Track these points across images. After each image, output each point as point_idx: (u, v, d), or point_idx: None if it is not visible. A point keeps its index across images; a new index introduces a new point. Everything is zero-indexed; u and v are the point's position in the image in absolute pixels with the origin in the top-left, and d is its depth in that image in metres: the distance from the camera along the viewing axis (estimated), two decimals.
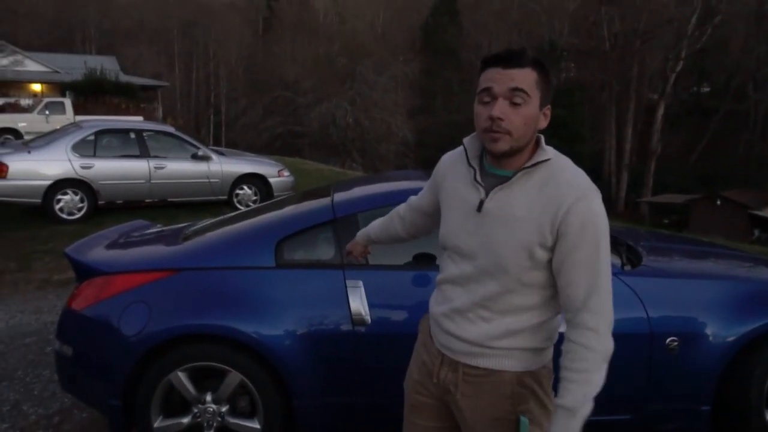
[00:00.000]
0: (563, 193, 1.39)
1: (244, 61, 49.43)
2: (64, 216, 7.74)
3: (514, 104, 1.39)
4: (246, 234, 2.77)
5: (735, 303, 2.68)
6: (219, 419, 2.57)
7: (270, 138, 38.21)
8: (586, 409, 1.39)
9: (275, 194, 8.83)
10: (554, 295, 1.48)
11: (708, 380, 2.62)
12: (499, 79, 1.39)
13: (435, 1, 44.76)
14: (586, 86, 38.01)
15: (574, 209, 1.37)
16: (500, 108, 1.38)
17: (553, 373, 1.60)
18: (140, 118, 17.68)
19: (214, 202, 8.67)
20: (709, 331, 2.61)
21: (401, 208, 1.92)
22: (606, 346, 1.41)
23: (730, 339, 2.61)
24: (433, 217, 1.76)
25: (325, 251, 2.64)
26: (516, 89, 1.38)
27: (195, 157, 8.61)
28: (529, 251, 1.40)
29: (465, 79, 41.39)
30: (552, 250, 1.41)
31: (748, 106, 37.11)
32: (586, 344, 1.39)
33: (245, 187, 8.94)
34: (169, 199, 8.51)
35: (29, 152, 7.76)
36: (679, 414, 2.67)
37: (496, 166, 1.48)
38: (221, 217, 3.34)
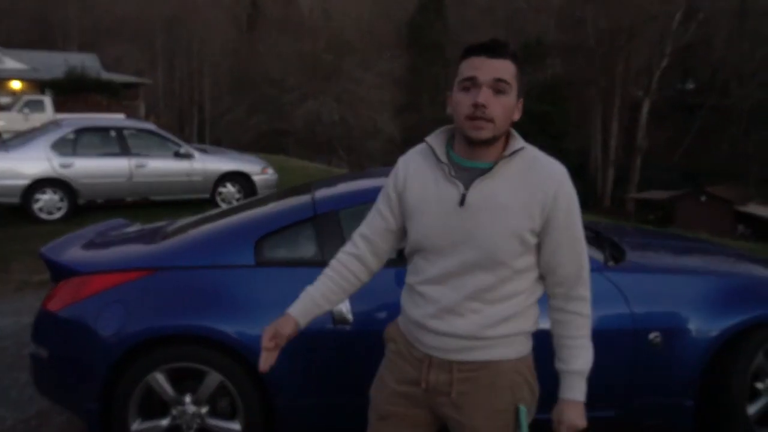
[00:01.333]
0: (547, 179, 1.46)
1: (228, 58, 49.02)
2: (44, 216, 7.63)
3: (498, 93, 1.43)
4: (225, 232, 2.73)
5: (718, 298, 2.68)
6: (199, 421, 2.53)
7: (255, 136, 38.00)
8: (589, 370, 1.55)
9: (259, 192, 8.76)
10: (538, 277, 1.54)
11: (691, 375, 2.62)
12: (483, 68, 1.42)
13: None
14: (572, 82, 38.17)
15: (561, 193, 1.46)
16: (484, 95, 1.41)
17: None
18: (122, 116, 17.49)
19: (196, 200, 8.58)
20: (692, 325, 2.61)
21: (345, 255, 1.68)
22: (588, 321, 1.57)
23: (713, 333, 2.61)
24: (398, 233, 1.64)
25: (306, 249, 2.60)
26: (500, 79, 1.42)
27: (177, 155, 8.52)
28: (519, 237, 1.45)
29: (451, 75, 41.35)
30: (538, 234, 1.48)
31: (732, 102, 37.47)
32: (582, 312, 1.54)
33: (228, 185, 8.87)
34: (151, 198, 8.42)
35: (7, 151, 7.65)
36: (662, 409, 2.67)
37: (470, 159, 1.49)
38: (200, 216, 3.29)
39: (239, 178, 8.91)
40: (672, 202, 27.94)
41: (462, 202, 1.46)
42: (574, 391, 1.53)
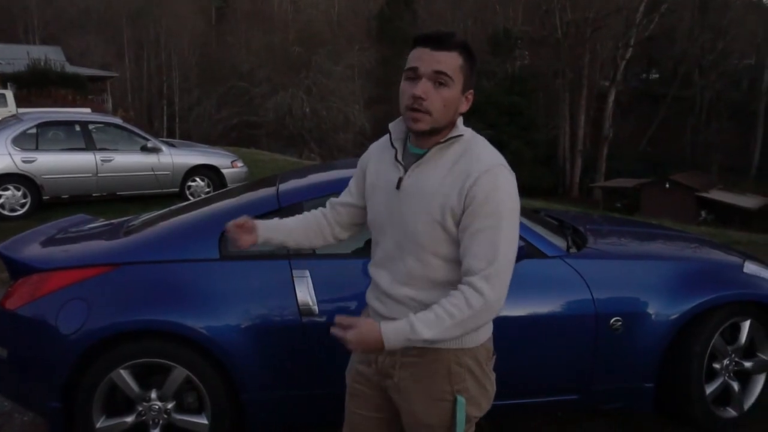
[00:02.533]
0: (472, 167, 1.43)
1: (197, 50, 48.24)
2: (6, 212, 7.42)
3: (439, 85, 1.42)
4: (189, 226, 2.70)
5: (677, 282, 2.75)
6: (165, 416, 2.51)
7: (225, 129, 37.54)
8: (415, 339, 1.38)
9: (229, 185, 8.67)
10: None
11: (651, 358, 2.68)
12: (425, 59, 1.42)
13: None
14: (540, 74, 38.55)
15: (480, 181, 1.40)
16: (423, 88, 1.41)
17: (494, 353, 1.61)
18: (88, 110, 17.08)
19: (165, 195, 8.45)
20: (651, 310, 2.67)
21: (317, 211, 1.79)
22: (480, 316, 1.39)
23: (672, 317, 2.68)
24: (359, 211, 1.71)
25: None
26: (440, 72, 1.41)
27: (144, 149, 8.38)
28: (440, 224, 1.44)
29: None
30: (458, 222, 1.45)
31: (694, 92, 38.31)
32: (468, 298, 1.38)
33: (198, 179, 8.76)
34: (118, 193, 8.27)
35: None
36: (624, 392, 2.73)
37: (415, 145, 1.52)
38: (164, 210, 3.24)
39: (209, 172, 8.81)
40: (638, 190, 28.49)
41: (398, 185, 1.50)
42: (393, 330, 1.39)
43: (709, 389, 2.80)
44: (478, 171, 1.41)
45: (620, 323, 2.62)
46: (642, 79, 44.38)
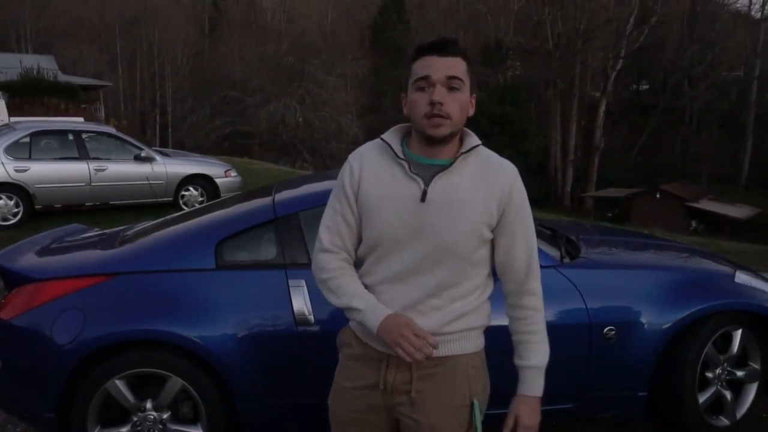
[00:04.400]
0: (503, 175, 1.52)
1: (190, 60, 48.29)
2: None
3: (452, 90, 1.45)
4: (185, 236, 2.71)
5: (669, 291, 2.78)
6: (160, 427, 2.50)
7: (218, 138, 37.51)
8: (546, 365, 1.58)
9: (222, 195, 8.67)
10: (490, 273, 1.60)
11: (645, 367, 2.70)
12: (436, 66, 1.45)
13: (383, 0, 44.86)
14: (531, 84, 38.80)
15: (515, 189, 1.52)
16: (440, 93, 1.43)
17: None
18: (81, 119, 17.03)
19: (159, 204, 8.44)
20: (644, 319, 2.69)
21: (336, 261, 1.58)
22: (542, 313, 1.60)
23: (665, 326, 2.70)
24: (358, 231, 1.59)
25: (267, 251, 2.60)
26: (453, 77, 1.45)
27: (138, 159, 8.38)
28: (478, 232, 1.49)
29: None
30: (493, 229, 1.52)
31: (684, 102, 38.68)
32: (536, 307, 1.58)
33: (191, 189, 8.75)
34: (111, 202, 8.25)
35: None
36: (617, 400, 2.75)
37: (429, 156, 1.51)
38: (160, 219, 3.25)
39: (202, 181, 8.80)
40: (629, 199, 28.66)
41: (423, 197, 1.47)
42: (533, 386, 1.57)
43: (702, 398, 2.83)
44: (511, 177, 1.52)
45: (613, 332, 2.64)
46: (632, 90, 44.76)
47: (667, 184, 28.39)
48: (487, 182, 1.49)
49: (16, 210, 7.52)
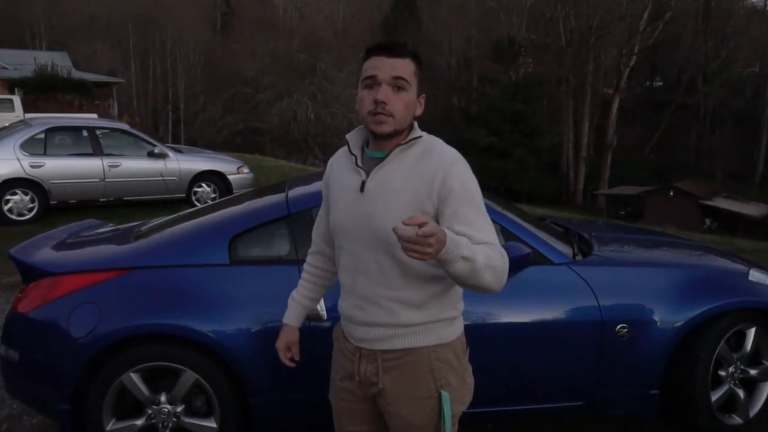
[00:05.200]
0: (437, 163, 1.51)
1: (202, 57, 48.51)
2: (14, 217, 7.48)
3: (398, 89, 1.50)
4: (199, 231, 2.73)
5: (682, 289, 2.77)
6: (174, 420, 2.53)
7: (230, 135, 37.70)
8: (463, 253, 1.32)
9: (235, 191, 8.72)
10: None
11: (656, 365, 2.70)
12: (383, 67, 1.50)
13: None
14: (543, 81, 38.61)
15: (451, 173, 1.49)
16: (384, 93, 1.49)
17: (467, 346, 1.67)
18: (94, 116, 17.18)
19: (172, 200, 8.50)
20: (657, 317, 2.69)
21: (310, 257, 1.88)
22: (503, 273, 1.43)
23: (678, 324, 2.69)
24: None
25: (280, 247, 2.62)
26: (398, 77, 1.50)
27: (151, 155, 8.44)
28: None
29: (425, 74, 41.44)
30: (435, 216, 1.50)
31: (698, 99, 38.33)
32: (501, 253, 1.44)
33: (204, 185, 8.80)
34: (124, 198, 8.32)
35: None
36: (629, 398, 2.75)
37: (376, 150, 1.58)
38: (174, 215, 3.28)
39: (215, 178, 8.85)
40: (642, 197, 28.47)
41: (362, 188, 1.55)
42: (452, 235, 1.34)
43: (715, 396, 2.81)
44: (448, 165, 1.50)
45: (626, 330, 2.64)
46: (646, 87, 44.41)
47: (681, 181, 28.18)
48: (420, 171, 1.51)
49: (31, 205, 7.61)
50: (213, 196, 8.80)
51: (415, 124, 1.59)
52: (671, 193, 26.80)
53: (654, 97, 41.75)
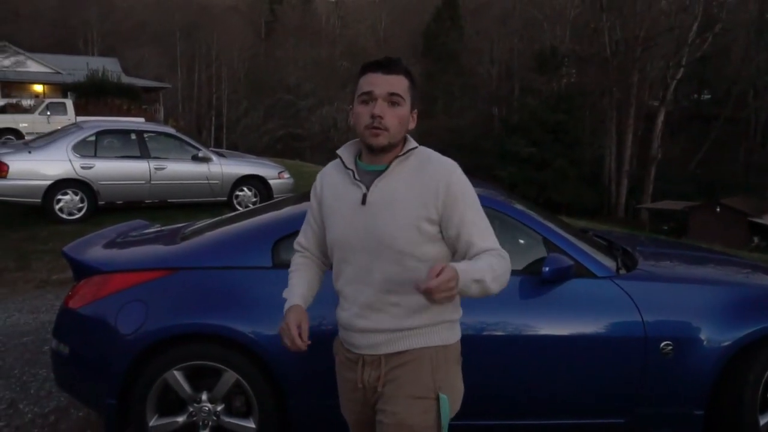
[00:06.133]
0: (438, 171, 1.60)
1: (246, 63, 49.52)
2: (64, 216, 7.75)
3: (393, 105, 1.58)
4: (243, 234, 2.79)
5: (730, 308, 2.69)
6: (214, 418, 2.58)
7: (271, 140, 38.29)
8: (477, 278, 1.44)
9: (275, 196, 8.84)
10: None
11: (702, 384, 2.62)
12: (378, 83, 1.58)
13: (437, 6, 44.85)
14: (586, 92, 38.05)
15: (453, 180, 1.59)
16: (380, 107, 1.56)
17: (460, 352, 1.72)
18: (142, 120, 17.69)
19: (214, 203, 8.68)
20: (703, 335, 2.62)
21: (299, 258, 1.85)
22: (506, 275, 1.53)
23: (725, 344, 2.62)
24: (324, 239, 1.78)
25: None
26: (393, 93, 1.58)
27: (195, 159, 8.63)
28: (416, 227, 1.57)
29: (466, 83, 41.41)
30: (439, 222, 1.59)
31: (748, 113, 37.18)
32: (501, 256, 1.54)
33: (245, 189, 8.95)
34: (169, 200, 8.52)
35: (30, 152, 7.78)
36: (672, 418, 2.67)
37: (373, 163, 1.64)
38: (219, 218, 3.35)
39: (256, 182, 8.99)
40: (686, 212, 27.71)
41: (364, 201, 1.61)
42: (464, 267, 1.43)
43: (763, 420, 2.71)
44: (449, 172, 1.60)
45: (671, 347, 2.57)
46: (693, 100, 43.32)
47: (728, 197, 27.31)
48: (421, 180, 1.59)
49: (81, 205, 7.86)
50: (254, 200, 8.94)
51: (408, 136, 1.66)
52: (718, 209, 26.00)
53: (701, 111, 40.67)
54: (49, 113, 17.97)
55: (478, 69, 41.76)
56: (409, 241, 1.57)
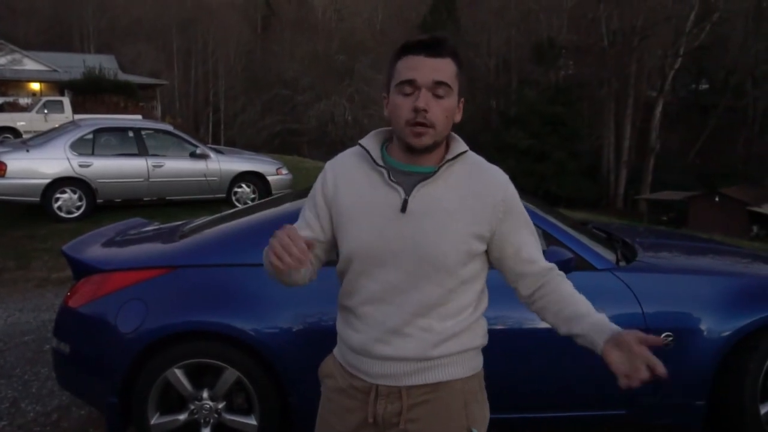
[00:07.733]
0: (493, 183, 1.40)
1: (242, 59, 49.40)
2: (63, 214, 7.74)
3: (437, 96, 1.31)
4: (242, 231, 2.79)
5: (730, 298, 2.69)
6: (216, 416, 2.58)
7: (269, 136, 38.24)
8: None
9: (273, 192, 8.83)
10: (483, 288, 1.46)
11: (703, 375, 2.63)
12: (422, 69, 1.30)
13: None
14: (584, 83, 37.99)
15: (510, 194, 1.41)
16: (425, 99, 1.29)
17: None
18: (139, 117, 17.66)
19: (212, 200, 8.67)
20: (704, 326, 2.62)
21: None
22: None
23: (725, 334, 2.62)
24: (325, 245, 1.48)
25: None
26: (440, 82, 1.31)
27: (193, 156, 8.61)
28: (467, 244, 1.35)
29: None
30: (489, 239, 1.39)
31: (746, 103, 37.11)
32: (564, 277, 1.48)
33: (243, 185, 8.94)
34: (167, 198, 8.52)
35: (28, 151, 7.76)
36: (673, 408, 2.68)
37: (411, 163, 1.38)
38: (218, 215, 3.35)
39: (254, 179, 8.99)
40: (685, 203, 27.76)
41: (404, 208, 1.34)
42: (613, 326, 1.37)
43: (764, 409, 2.72)
44: (504, 185, 1.41)
45: (671, 339, 2.57)
46: (691, 90, 43.24)
47: (727, 187, 27.33)
48: (475, 190, 1.36)
49: (79, 203, 7.85)
50: (252, 196, 8.93)
51: (453, 133, 1.42)
52: (717, 199, 26.04)
53: (699, 101, 40.60)
54: (46, 111, 17.95)
55: (476, 61, 41.65)
56: (457, 258, 1.34)
